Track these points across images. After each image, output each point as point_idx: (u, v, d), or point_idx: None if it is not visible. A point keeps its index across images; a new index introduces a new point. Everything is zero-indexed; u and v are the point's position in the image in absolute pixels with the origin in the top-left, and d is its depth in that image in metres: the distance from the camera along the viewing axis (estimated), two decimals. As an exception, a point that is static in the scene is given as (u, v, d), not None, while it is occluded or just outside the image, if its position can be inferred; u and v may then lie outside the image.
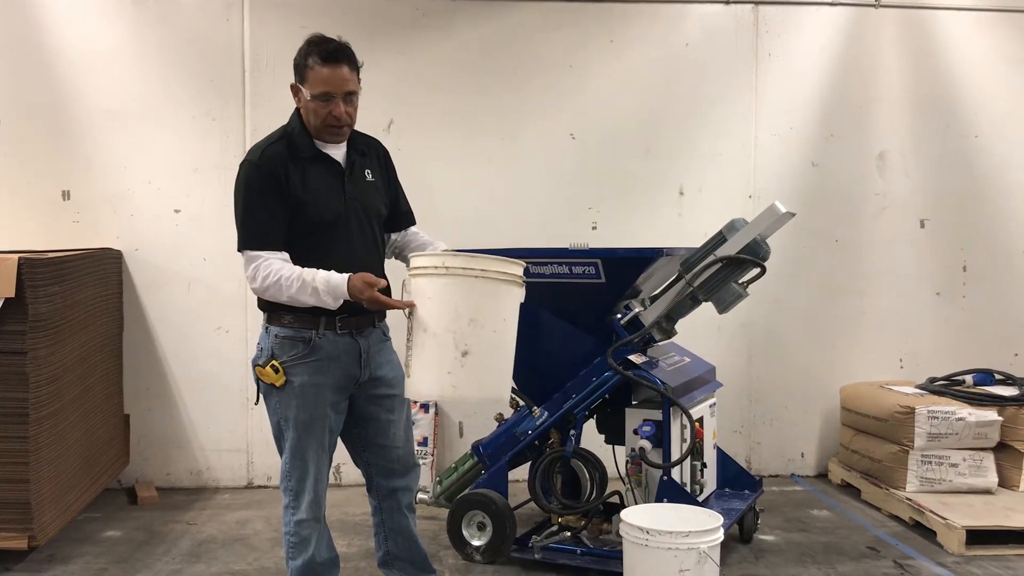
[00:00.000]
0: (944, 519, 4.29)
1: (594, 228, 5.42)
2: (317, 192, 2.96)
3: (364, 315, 2.98)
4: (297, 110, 3.07)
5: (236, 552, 4.23)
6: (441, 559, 4.11)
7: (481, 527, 4.04)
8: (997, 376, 5.18)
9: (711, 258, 3.88)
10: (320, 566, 3.06)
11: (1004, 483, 4.79)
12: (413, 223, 3.33)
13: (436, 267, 2.77)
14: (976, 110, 5.61)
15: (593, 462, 3.99)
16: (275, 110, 5.23)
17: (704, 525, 3.25)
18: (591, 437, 4.14)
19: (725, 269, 3.86)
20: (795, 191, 5.44)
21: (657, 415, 3.86)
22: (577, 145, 5.47)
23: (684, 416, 3.85)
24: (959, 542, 4.16)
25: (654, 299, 4.08)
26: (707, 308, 4.05)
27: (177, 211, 5.28)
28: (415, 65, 5.36)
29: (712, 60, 5.51)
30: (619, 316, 3.99)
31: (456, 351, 2.71)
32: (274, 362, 2.94)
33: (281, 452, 3.06)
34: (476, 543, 4.05)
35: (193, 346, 5.30)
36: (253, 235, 2.93)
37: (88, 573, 3.96)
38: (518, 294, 2.83)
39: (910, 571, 4.00)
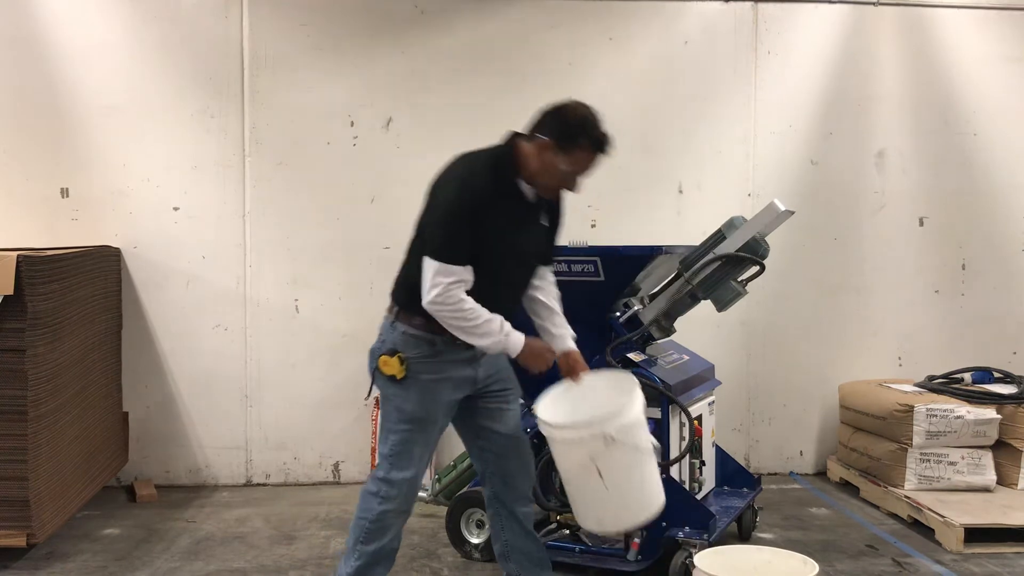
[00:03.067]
0: (942, 517, 4.30)
1: (593, 226, 5.41)
2: (504, 229, 2.99)
3: None
4: (513, 146, 3.04)
5: (235, 550, 4.23)
6: (440, 557, 4.11)
7: (480, 525, 4.05)
8: (996, 374, 5.19)
9: (710, 256, 3.88)
10: (390, 553, 3.15)
11: (1002, 481, 4.80)
12: (550, 264, 3.35)
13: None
14: (975, 108, 5.61)
15: (592, 460, 3.99)
16: (274, 108, 5.29)
17: (607, 407, 3.05)
18: (590, 435, 4.13)
19: (724, 267, 3.86)
20: (794, 189, 5.44)
21: (656, 413, 3.85)
22: (576, 143, 5.46)
23: (683, 414, 3.85)
24: (957, 540, 4.16)
25: (653, 297, 4.08)
26: (706, 306, 4.05)
27: (176, 208, 5.27)
28: (414, 62, 5.35)
29: (711, 58, 5.51)
30: (618, 314, 3.99)
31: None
32: (400, 354, 3.01)
33: (384, 442, 3.10)
34: (475, 541, 4.05)
35: (192, 344, 5.29)
36: (450, 249, 2.92)
37: (87, 571, 3.96)
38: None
39: (908, 569, 4.00)
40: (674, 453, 3.85)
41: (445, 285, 2.89)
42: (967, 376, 5.21)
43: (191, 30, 5.24)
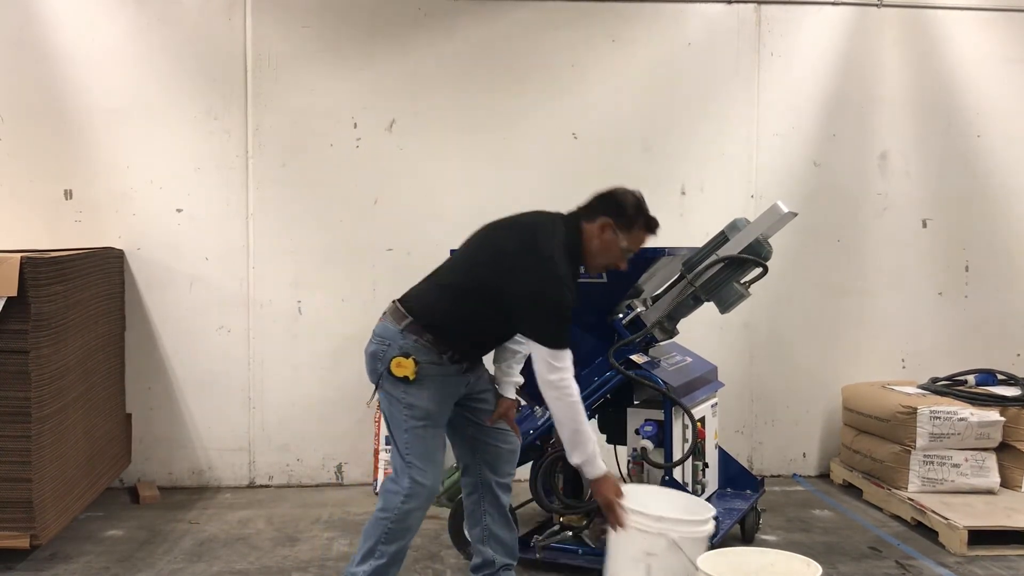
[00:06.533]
0: (946, 519, 4.29)
1: (596, 228, 5.40)
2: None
3: (478, 357, 3.34)
4: (579, 230, 3.25)
5: (238, 551, 4.24)
6: (442, 559, 4.11)
7: (483, 527, 4.04)
8: (999, 376, 5.18)
9: (713, 258, 3.88)
10: (405, 553, 3.23)
11: (1006, 483, 4.79)
12: None
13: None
14: (978, 110, 5.61)
15: (595, 462, 3.98)
16: (276, 110, 5.29)
17: (685, 514, 3.22)
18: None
19: (727, 269, 3.86)
20: (797, 191, 5.43)
21: (659, 415, 3.86)
22: (579, 144, 5.47)
23: (686, 416, 3.85)
24: (961, 542, 4.16)
25: (656, 299, 4.08)
26: (709, 308, 4.05)
27: (179, 210, 5.28)
28: (417, 65, 5.36)
29: (714, 60, 5.51)
30: (621, 316, 3.99)
31: None
32: (413, 357, 3.12)
33: (400, 442, 3.16)
34: (478, 543, 4.05)
35: (195, 345, 5.30)
36: (561, 337, 3.09)
37: (90, 572, 3.96)
38: None
39: (912, 571, 4.00)
40: (677, 455, 3.84)
41: (563, 370, 3.07)
42: (970, 378, 5.20)
43: (194, 33, 5.25)
